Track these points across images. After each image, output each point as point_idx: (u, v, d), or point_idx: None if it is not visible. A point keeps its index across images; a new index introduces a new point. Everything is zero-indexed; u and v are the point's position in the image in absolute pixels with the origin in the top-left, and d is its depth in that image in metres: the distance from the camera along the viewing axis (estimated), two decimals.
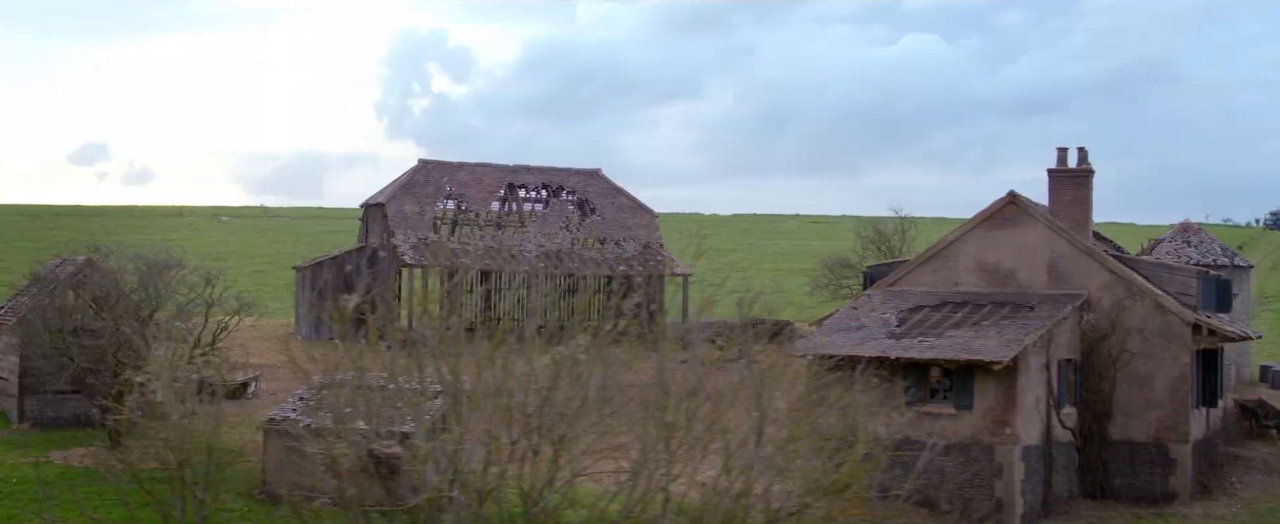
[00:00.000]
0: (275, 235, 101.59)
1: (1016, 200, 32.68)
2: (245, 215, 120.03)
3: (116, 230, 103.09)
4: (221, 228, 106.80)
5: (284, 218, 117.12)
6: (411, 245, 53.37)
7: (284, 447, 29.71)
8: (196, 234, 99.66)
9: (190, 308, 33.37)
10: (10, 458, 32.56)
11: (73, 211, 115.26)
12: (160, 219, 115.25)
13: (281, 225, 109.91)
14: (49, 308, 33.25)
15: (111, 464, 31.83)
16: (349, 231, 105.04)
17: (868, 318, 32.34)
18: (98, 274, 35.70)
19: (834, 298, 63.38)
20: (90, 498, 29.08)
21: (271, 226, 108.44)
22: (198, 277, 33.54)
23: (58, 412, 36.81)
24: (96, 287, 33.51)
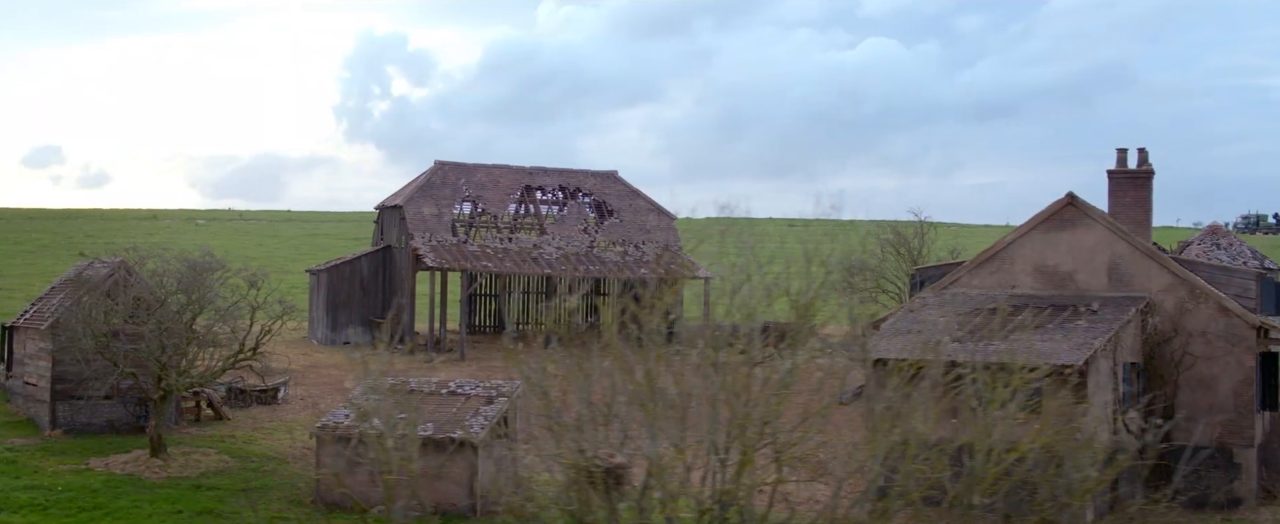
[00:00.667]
0: (257, 238, 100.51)
1: (1075, 202, 32.25)
2: (220, 218, 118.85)
3: (97, 233, 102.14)
4: (199, 231, 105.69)
5: (260, 221, 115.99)
6: (431, 247, 52.66)
7: (339, 453, 29.06)
8: (177, 237, 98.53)
9: (234, 311, 32.66)
10: (49, 465, 31.80)
11: (43, 215, 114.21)
12: (136, 222, 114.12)
13: (260, 228, 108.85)
14: (94, 310, 32.43)
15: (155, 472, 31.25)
16: (330, 234, 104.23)
17: (923, 321, 31.84)
18: (136, 276, 34.91)
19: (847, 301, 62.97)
20: (140, 506, 28.37)
21: (250, 229, 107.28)
22: (241, 279, 32.80)
23: (90, 418, 36.03)
24: (140, 289, 32.71)
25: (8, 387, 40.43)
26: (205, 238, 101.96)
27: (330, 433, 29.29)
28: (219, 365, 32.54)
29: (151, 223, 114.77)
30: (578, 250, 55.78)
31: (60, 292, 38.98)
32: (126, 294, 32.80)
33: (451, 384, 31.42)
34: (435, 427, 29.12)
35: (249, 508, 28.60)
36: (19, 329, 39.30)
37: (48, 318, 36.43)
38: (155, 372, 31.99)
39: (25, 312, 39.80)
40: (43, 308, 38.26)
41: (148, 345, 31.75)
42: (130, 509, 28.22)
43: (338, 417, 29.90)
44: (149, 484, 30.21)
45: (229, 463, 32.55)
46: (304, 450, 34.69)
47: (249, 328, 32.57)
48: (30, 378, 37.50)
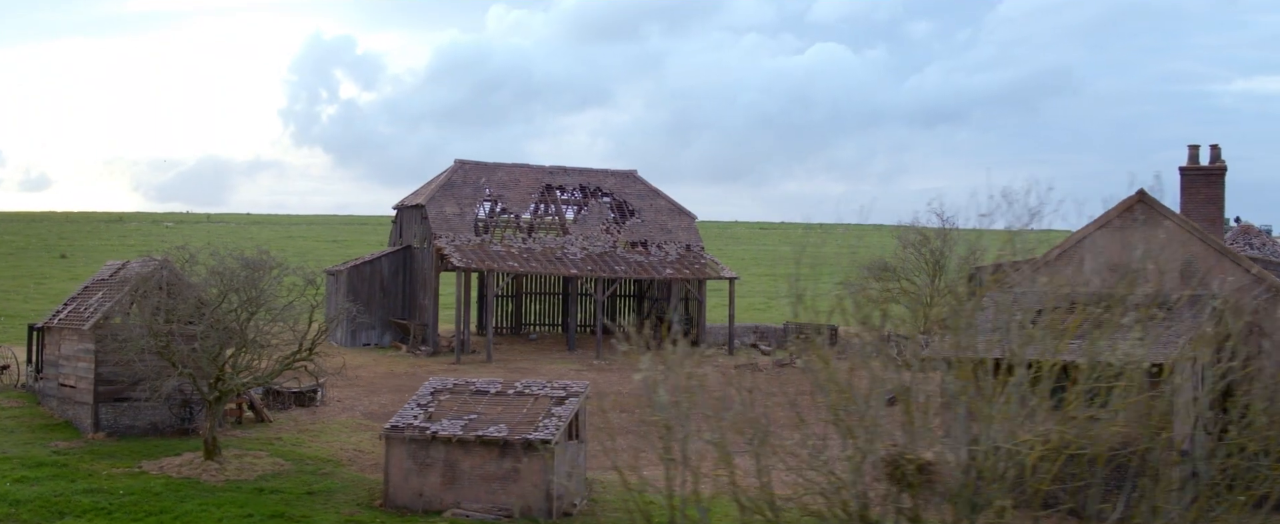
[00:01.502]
0: (234, 240, 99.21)
1: (1146, 199, 31.84)
2: (188, 221, 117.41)
3: (71, 236, 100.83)
4: (171, 233, 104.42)
5: (231, 224, 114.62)
6: (456, 247, 51.91)
7: (408, 454, 28.40)
8: (150, 240, 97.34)
9: (290, 311, 31.91)
10: (101, 468, 30.97)
11: (6, 217, 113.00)
12: (104, 225, 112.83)
13: (233, 231, 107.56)
14: (161, 309, 31.58)
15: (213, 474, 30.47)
16: (308, 237, 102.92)
17: (995, 319, 31.37)
18: (180, 276, 34.10)
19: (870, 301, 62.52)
20: (207, 510, 27.60)
21: (223, 231, 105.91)
22: (298, 277, 32.04)
23: (133, 420, 35.20)
24: (198, 288, 31.89)
25: (37, 388, 39.51)
26: (181, 240, 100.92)
27: (400, 434, 28.59)
28: (277, 365, 31.74)
29: (119, 226, 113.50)
30: (601, 250, 55.14)
31: (94, 292, 38.11)
32: (185, 293, 31.91)
33: (518, 384, 30.78)
34: (508, 428, 28.48)
35: (321, 510, 27.89)
36: (51, 330, 38.40)
37: (88, 318, 35.56)
38: (214, 372, 31.15)
39: (57, 312, 38.91)
40: (78, 308, 37.38)
41: (205, 344, 30.92)
42: (198, 513, 27.46)
43: (406, 417, 29.19)
44: (209, 487, 29.43)
45: (284, 466, 31.79)
46: (355, 453, 34.03)
47: (309, 327, 31.81)
48: (67, 380, 36.60)
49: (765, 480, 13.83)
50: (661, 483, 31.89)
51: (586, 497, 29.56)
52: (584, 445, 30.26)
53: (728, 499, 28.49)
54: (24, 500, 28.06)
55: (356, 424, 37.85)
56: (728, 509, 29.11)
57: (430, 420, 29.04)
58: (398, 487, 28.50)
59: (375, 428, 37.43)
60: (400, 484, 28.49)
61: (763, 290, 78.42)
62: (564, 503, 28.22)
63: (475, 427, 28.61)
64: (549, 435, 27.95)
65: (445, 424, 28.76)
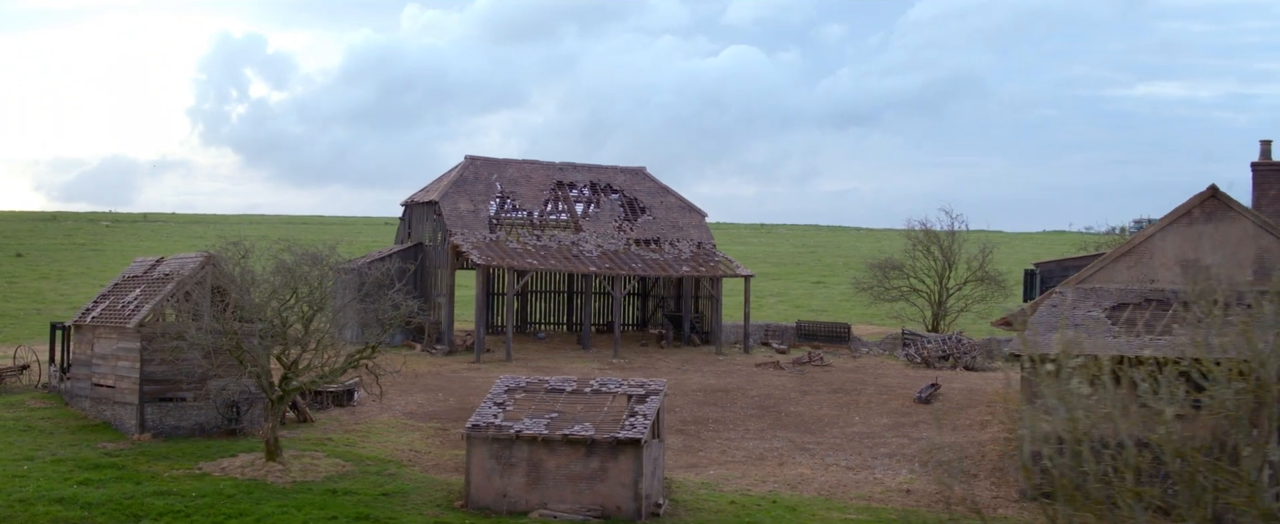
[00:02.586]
0: (177, 239, 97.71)
1: (1218, 195, 31.71)
2: (124, 220, 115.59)
3: (11, 235, 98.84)
4: (108, 232, 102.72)
5: (163, 222, 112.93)
6: (473, 244, 51.11)
7: (491, 454, 27.69)
8: (96, 239, 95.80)
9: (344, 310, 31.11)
10: (160, 470, 29.99)
11: None
12: (40, 223, 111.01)
13: (174, 230, 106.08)
14: (229, 306, 30.62)
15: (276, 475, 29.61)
16: (252, 236, 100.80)
17: (1074, 316, 31.14)
18: (224, 271, 33.16)
19: (876, 300, 62.44)
20: (287, 512, 26.77)
21: (160, 231, 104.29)
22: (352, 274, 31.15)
23: (180, 421, 34.19)
24: (268, 284, 30.95)
25: (64, 389, 38.35)
26: (121, 239, 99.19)
27: (482, 434, 27.85)
28: (344, 363, 30.92)
29: (53, 225, 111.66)
30: (615, 248, 54.53)
31: (128, 289, 37.04)
32: (247, 290, 30.98)
33: (594, 382, 30.13)
34: (593, 426, 27.83)
35: (403, 512, 27.12)
36: (82, 328, 37.29)
37: (130, 316, 34.51)
38: (268, 370, 30.27)
39: (87, 310, 37.80)
40: (114, 306, 36.30)
41: (265, 343, 30.04)
42: (279, 516, 26.59)
43: (485, 416, 28.46)
44: (279, 489, 28.54)
45: (345, 467, 30.95)
46: (411, 453, 33.26)
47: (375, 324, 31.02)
48: (104, 379, 35.50)
49: None
50: (733, 482, 31.33)
51: (666, 496, 28.98)
52: (663, 444, 29.69)
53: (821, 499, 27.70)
54: (95, 503, 27.07)
55: (401, 424, 37.05)
56: (816, 509, 28.69)
57: (510, 419, 28.32)
58: (480, 487, 27.76)
59: (423, 428, 36.67)
60: (482, 484, 27.75)
61: None
62: (649, 503, 27.63)
63: (559, 425, 27.94)
64: (639, 434, 27.33)
65: (528, 423, 28.06)
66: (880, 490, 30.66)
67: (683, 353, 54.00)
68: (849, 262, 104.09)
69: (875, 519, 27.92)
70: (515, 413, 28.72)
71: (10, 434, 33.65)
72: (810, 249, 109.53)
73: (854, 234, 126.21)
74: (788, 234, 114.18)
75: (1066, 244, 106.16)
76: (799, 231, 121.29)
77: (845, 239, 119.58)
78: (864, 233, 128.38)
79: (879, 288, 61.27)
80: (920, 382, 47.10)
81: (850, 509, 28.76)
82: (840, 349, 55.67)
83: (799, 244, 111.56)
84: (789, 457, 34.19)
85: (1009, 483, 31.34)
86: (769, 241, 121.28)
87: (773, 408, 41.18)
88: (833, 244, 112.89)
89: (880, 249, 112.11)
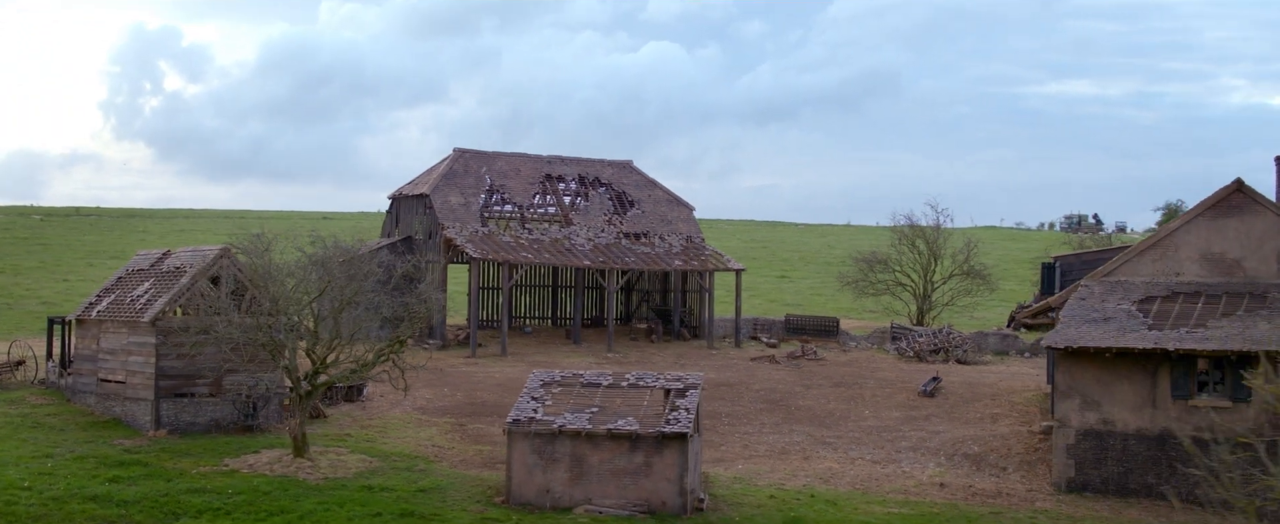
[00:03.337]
0: (119, 234, 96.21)
1: (1243, 188, 31.93)
2: (56, 214, 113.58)
3: None
4: (40, 226, 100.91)
5: (93, 217, 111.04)
6: (466, 238, 50.61)
7: (532, 449, 27.36)
8: (37, 233, 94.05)
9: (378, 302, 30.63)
10: (186, 467, 29.39)
11: None
12: None
13: (110, 223, 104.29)
14: (262, 300, 30.02)
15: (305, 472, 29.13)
16: (188, 230, 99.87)
17: (1104, 309, 31.23)
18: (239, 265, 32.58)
19: (861, 295, 62.55)
20: (329, 509, 26.32)
21: (92, 226, 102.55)
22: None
23: (195, 417, 33.55)
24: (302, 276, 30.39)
25: (65, 385, 37.54)
26: (64, 233, 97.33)
27: (523, 429, 27.50)
28: (373, 357, 30.44)
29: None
30: (606, 242, 54.22)
31: (135, 282, 36.31)
32: (275, 282, 30.40)
33: (630, 376, 29.85)
34: (637, 421, 27.57)
35: (448, 509, 26.72)
36: (86, 323, 36.50)
37: (144, 310, 33.80)
38: (308, 366, 29.76)
39: (91, 304, 37.01)
40: (122, 299, 35.56)
41: (290, 337, 29.54)
42: (320, 513, 26.13)
43: (524, 411, 28.10)
44: (313, 486, 28.05)
45: (372, 463, 30.48)
46: (435, 448, 32.84)
47: (406, 318, 30.58)
48: (113, 375, 34.76)
49: None
50: (764, 477, 31.15)
51: (705, 491, 28.76)
52: (701, 439, 29.48)
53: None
54: (130, 501, 26.49)
55: (416, 420, 36.58)
56: (856, 503, 28.54)
57: (550, 414, 27.99)
58: (522, 482, 27.41)
59: (439, 423, 36.23)
60: (524, 480, 27.41)
61: None
62: (692, 498, 27.40)
63: (601, 420, 27.65)
64: (684, 428, 27.10)
65: (569, 418, 27.74)
66: (913, 484, 30.60)
67: (675, 347, 53.80)
68: (804, 256, 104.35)
69: (918, 513, 27.85)
70: (554, 408, 28.39)
71: (20, 431, 32.88)
72: (761, 244, 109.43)
73: (794, 229, 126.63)
74: (729, 229, 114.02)
75: (996, 238, 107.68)
76: (739, 227, 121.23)
77: (787, 235, 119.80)
78: (804, 228, 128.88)
79: (864, 282, 61.35)
80: (916, 375, 47.18)
81: (890, 503, 28.67)
82: (829, 343, 55.67)
83: (746, 239, 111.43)
84: (812, 451, 34.07)
85: (1039, 475, 31.40)
86: (713, 238, 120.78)
87: (781, 402, 41.06)
88: (777, 240, 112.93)
89: (827, 245, 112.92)
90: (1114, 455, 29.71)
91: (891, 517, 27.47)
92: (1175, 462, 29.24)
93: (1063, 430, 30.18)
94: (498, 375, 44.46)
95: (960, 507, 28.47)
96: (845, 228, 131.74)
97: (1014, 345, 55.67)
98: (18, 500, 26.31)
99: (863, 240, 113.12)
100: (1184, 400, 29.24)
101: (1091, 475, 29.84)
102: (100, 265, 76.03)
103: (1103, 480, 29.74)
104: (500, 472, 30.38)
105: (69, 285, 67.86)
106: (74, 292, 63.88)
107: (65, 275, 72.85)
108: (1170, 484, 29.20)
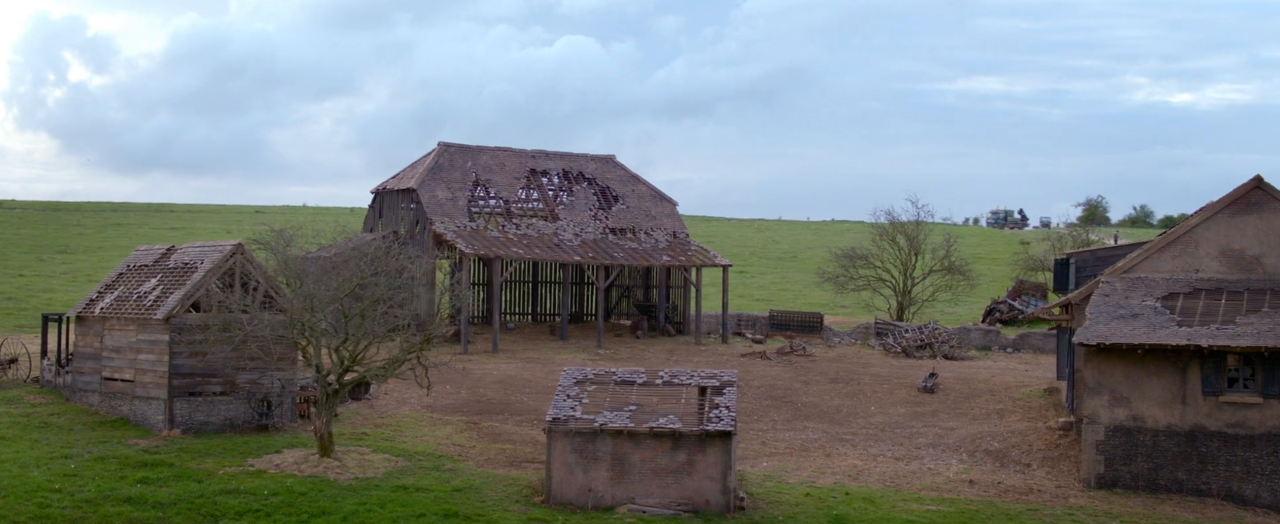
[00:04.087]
0: (58, 230, 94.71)
1: (1263, 185, 32.20)
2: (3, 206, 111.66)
3: None
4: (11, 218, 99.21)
5: (14, 209, 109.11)
6: (457, 233, 50.10)
7: (573, 448, 27.07)
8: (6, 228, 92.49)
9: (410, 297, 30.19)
10: (211, 467, 28.80)
11: None
12: None
13: (40, 217, 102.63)
14: (304, 296, 29.43)
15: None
16: (122, 223, 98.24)
17: (1129, 305, 31.38)
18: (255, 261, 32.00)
19: (840, 290, 62.67)
20: (370, 510, 25.90)
21: (22, 219, 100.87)
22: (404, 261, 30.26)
23: (208, 416, 32.90)
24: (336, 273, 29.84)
25: (63, 383, 36.71)
26: (38, 230, 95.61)
27: (564, 427, 27.19)
28: (402, 353, 29.99)
29: None
30: (593, 237, 53.93)
31: (140, 278, 35.56)
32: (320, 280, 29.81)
33: (664, 373, 29.61)
34: (677, 418, 27.34)
35: (490, 509, 26.37)
36: (87, 320, 35.70)
37: (155, 307, 33.09)
38: (340, 363, 29.28)
39: (91, 301, 36.21)
40: (126, 296, 34.80)
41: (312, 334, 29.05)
42: (362, 514, 25.70)
43: (563, 409, 27.78)
44: (347, 487, 27.57)
45: (399, 462, 30.03)
46: (456, 447, 32.44)
47: (438, 313, 30.13)
48: (121, 373, 34.02)
49: None
50: (792, 474, 31.00)
51: (742, 489, 28.60)
52: (736, 437, 29.29)
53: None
54: (166, 503, 25.92)
55: (427, 418, 36.12)
56: (893, 501, 28.49)
57: (589, 412, 27.70)
58: (562, 482, 27.09)
59: (451, 421, 35.80)
60: (565, 479, 27.09)
61: None
62: (734, 497, 27.23)
63: (643, 418, 27.39)
64: (728, 426, 26.92)
65: (610, 416, 27.46)
66: (943, 481, 30.60)
67: (662, 343, 53.61)
68: (752, 250, 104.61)
69: (957, 510, 27.84)
70: (592, 406, 28.09)
71: (28, 431, 32.11)
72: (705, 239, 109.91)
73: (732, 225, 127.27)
74: None
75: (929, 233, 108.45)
76: None
77: (726, 229, 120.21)
78: (742, 223, 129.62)
79: (845, 277, 61.49)
80: (908, 371, 47.34)
81: (926, 500, 28.64)
82: (813, 339, 55.73)
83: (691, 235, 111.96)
84: (831, 448, 34.00)
85: (1063, 471, 31.52)
86: None
87: (784, 398, 41.00)
88: (721, 235, 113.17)
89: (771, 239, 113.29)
90: (1144, 452, 29.87)
91: (931, 514, 27.43)
92: (1206, 458, 29.47)
93: (1092, 427, 30.30)
94: (495, 372, 44.04)
95: (997, 504, 28.48)
96: (777, 223, 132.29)
97: (996, 341, 56.04)
98: (50, 503, 25.68)
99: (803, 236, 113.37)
100: (1214, 396, 29.44)
101: (1121, 472, 29.98)
102: None
103: (1132, 477, 29.89)
104: (528, 470, 30.08)
105: None
106: None
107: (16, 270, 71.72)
108: (1201, 480, 29.42)
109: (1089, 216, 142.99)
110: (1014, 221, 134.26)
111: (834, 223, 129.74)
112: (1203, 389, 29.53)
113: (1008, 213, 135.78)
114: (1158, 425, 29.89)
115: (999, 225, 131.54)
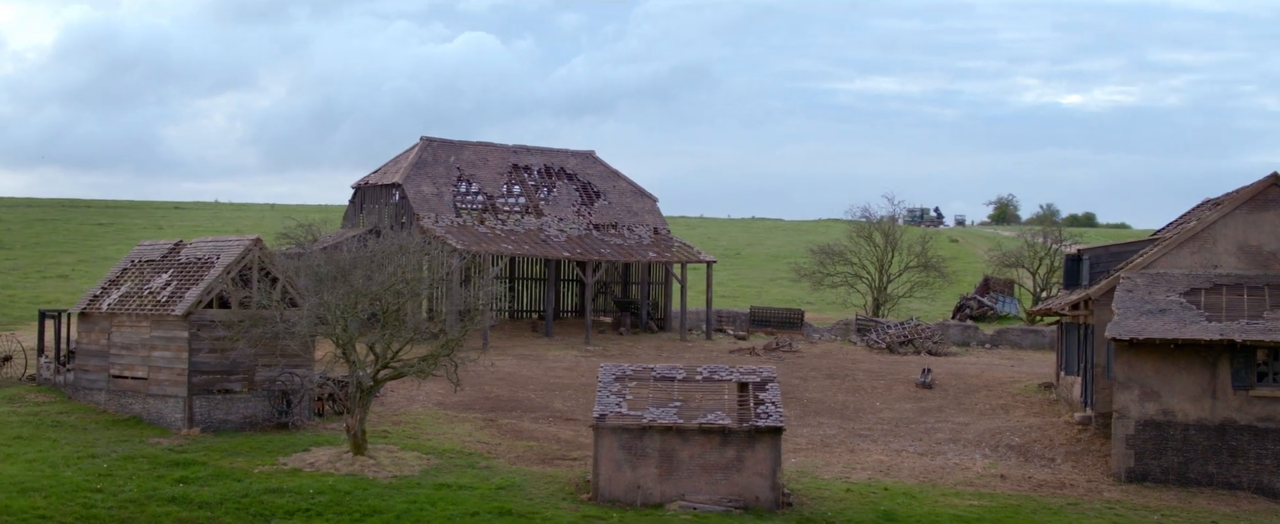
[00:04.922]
0: (51, 226, 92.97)
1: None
2: None
3: None
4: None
5: None
6: (445, 229, 49.61)
7: (620, 444, 26.89)
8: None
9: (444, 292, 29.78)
10: (244, 466, 28.28)
11: None
12: None
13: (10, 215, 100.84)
14: (353, 292, 28.92)
15: None
16: (86, 222, 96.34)
17: (1155, 301, 31.72)
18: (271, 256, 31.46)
19: (816, 287, 62.89)
20: (422, 508, 25.57)
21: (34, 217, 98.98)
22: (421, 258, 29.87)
23: (227, 414, 32.33)
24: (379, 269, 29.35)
25: (65, 381, 35.88)
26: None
27: (610, 423, 26.98)
28: (439, 349, 29.60)
29: None
30: (578, 233, 53.67)
31: (150, 274, 34.83)
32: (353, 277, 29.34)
33: (703, 370, 29.47)
34: (724, 414, 27.23)
35: (544, 507, 26.11)
36: (94, 317, 34.89)
37: (170, 303, 32.42)
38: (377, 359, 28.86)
39: (95, 297, 35.40)
40: (137, 292, 34.07)
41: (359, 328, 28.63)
42: (415, 512, 25.34)
43: (608, 405, 27.56)
44: (388, 485, 27.19)
45: (431, 460, 29.68)
46: (484, 444, 32.13)
47: (476, 308, 29.82)
48: (133, 371, 33.31)
49: None
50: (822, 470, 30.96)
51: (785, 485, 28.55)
52: None
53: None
54: (212, 503, 25.40)
55: (443, 415, 35.74)
56: (932, 496, 28.56)
57: (634, 408, 27.50)
58: (610, 478, 26.88)
59: (468, 418, 35.45)
60: (612, 475, 26.88)
61: None
62: (781, 493, 27.17)
63: (690, 414, 27.24)
64: (778, 422, 26.85)
65: (656, 412, 27.29)
66: (974, 476, 30.74)
67: (648, 339, 53.47)
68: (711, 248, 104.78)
69: (998, 505, 27.96)
70: (636, 402, 27.90)
71: (42, 431, 31.37)
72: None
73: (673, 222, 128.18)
74: None
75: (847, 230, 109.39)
76: None
77: None
78: (672, 221, 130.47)
79: (821, 274, 61.72)
80: (897, 367, 47.63)
81: (965, 495, 28.73)
82: (795, 335, 55.86)
83: None
84: (852, 444, 34.04)
85: (1089, 465, 31.79)
86: None
87: (788, 395, 40.87)
88: None
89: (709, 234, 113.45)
90: (1174, 446, 30.20)
91: (976, 509, 27.53)
92: (1235, 451, 29.85)
93: (1122, 421, 30.58)
94: (494, 370, 43.60)
95: (1036, 498, 28.66)
96: (701, 220, 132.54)
97: (975, 337, 56.54)
98: (94, 503, 25.09)
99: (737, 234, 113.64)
100: (1244, 391, 29.82)
101: (1151, 466, 30.29)
102: None
103: (1163, 470, 30.20)
104: (561, 468, 29.85)
105: None
106: None
107: None
108: (1231, 474, 29.80)
109: (1000, 215, 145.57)
110: (930, 220, 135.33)
111: (758, 221, 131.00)
112: (1233, 383, 29.90)
113: (924, 211, 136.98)
114: (1188, 419, 30.23)
115: (916, 223, 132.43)
